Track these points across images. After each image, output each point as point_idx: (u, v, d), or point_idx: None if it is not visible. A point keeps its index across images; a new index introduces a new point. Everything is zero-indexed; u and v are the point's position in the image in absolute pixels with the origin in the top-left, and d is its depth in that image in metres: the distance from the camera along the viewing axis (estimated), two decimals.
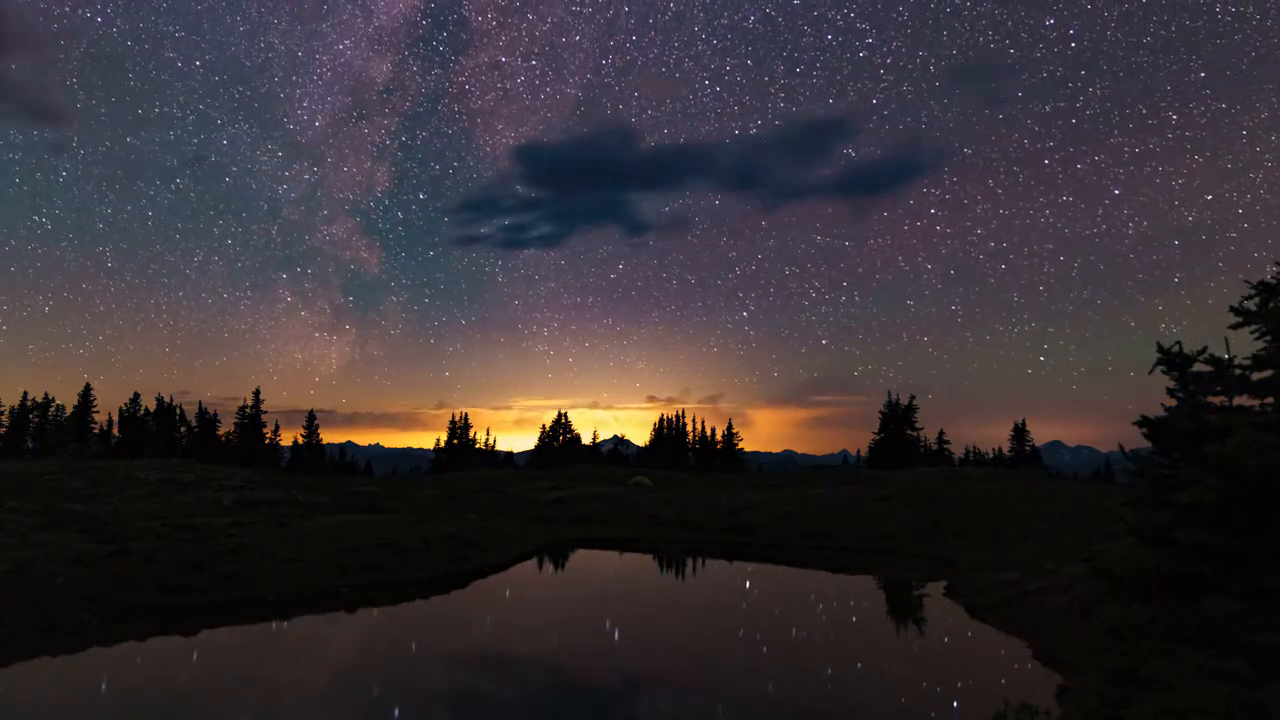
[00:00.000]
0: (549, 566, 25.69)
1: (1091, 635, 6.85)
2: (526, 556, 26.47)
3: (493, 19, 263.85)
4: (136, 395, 67.35)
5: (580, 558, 28.17)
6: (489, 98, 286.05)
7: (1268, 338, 6.27)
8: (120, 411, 66.83)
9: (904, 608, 20.31)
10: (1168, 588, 6.10)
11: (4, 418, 63.65)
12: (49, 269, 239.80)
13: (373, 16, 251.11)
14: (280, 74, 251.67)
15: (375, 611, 18.04)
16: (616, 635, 16.58)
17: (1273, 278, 6.41)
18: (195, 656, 13.89)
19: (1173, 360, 6.65)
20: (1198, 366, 6.57)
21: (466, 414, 80.00)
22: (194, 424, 66.60)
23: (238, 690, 11.85)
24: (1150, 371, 6.77)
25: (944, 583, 21.90)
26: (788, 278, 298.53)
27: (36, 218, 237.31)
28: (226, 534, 21.93)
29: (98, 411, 65.32)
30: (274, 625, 16.47)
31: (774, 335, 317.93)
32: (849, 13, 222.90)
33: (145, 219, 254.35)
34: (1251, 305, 6.43)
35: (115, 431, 66.51)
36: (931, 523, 30.81)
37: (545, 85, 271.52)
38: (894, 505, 33.78)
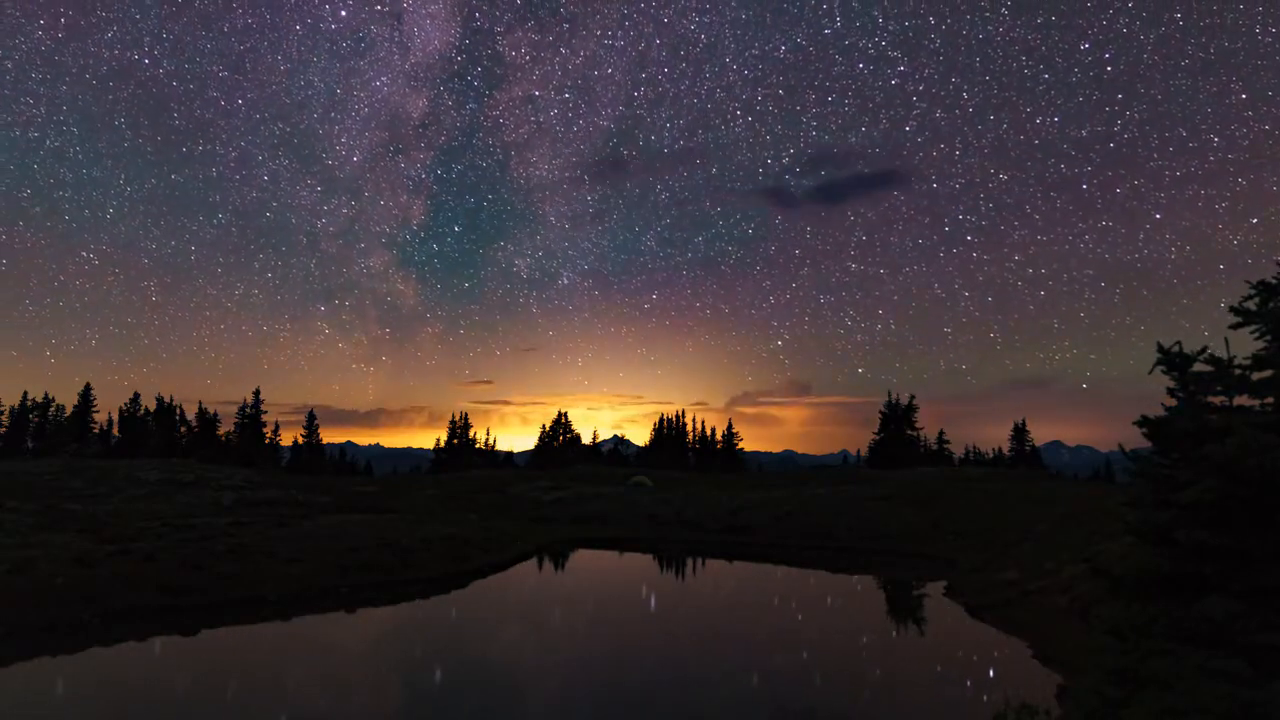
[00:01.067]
0: (549, 566, 25.69)
1: (1091, 635, 6.85)
2: (526, 556, 26.47)
3: (526, 54, 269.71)
4: (136, 395, 67.40)
5: (580, 558, 28.17)
6: (522, 131, 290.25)
7: (1268, 338, 6.27)
8: (120, 411, 66.85)
9: (904, 608, 20.30)
10: (1168, 588, 6.10)
11: (4, 418, 63.66)
12: (96, 303, 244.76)
13: (409, 53, 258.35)
14: (319, 111, 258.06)
15: (375, 612, 18.04)
16: (617, 635, 16.58)
17: (1273, 278, 6.41)
18: (195, 656, 13.89)
19: (1173, 360, 6.64)
20: (1198, 366, 6.57)
21: (466, 413, 79.85)
22: (194, 424, 66.58)
23: (238, 690, 11.85)
24: (1150, 371, 6.77)
25: (944, 583, 21.90)
26: (822, 306, 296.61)
27: (85, 253, 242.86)
28: (226, 534, 21.93)
29: (98, 411, 65.39)
30: (274, 625, 16.47)
31: (809, 364, 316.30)
32: (880, 41, 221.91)
33: (189, 254, 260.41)
34: (1251, 305, 6.43)
35: (115, 431, 66.50)
36: (931, 523, 30.81)
37: (578, 118, 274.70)
38: (894, 505, 33.78)
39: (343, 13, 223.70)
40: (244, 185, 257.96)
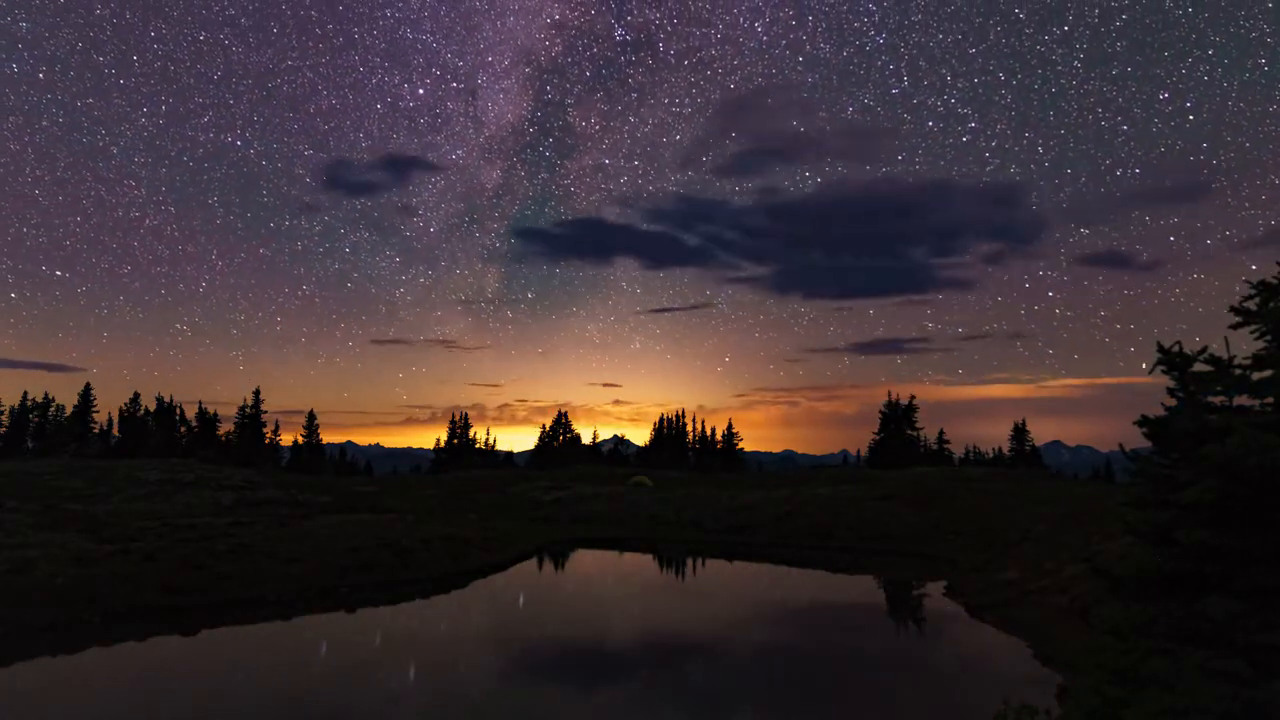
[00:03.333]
0: (549, 566, 25.69)
1: (1091, 635, 6.85)
2: (526, 556, 26.47)
3: (596, 124, 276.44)
4: (136, 395, 67.34)
5: (580, 558, 28.17)
6: (594, 198, 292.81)
7: (1268, 338, 6.27)
8: (120, 411, 66.78)
9: (904, 608, 20.31)
10: (1168, 588, 6.10)
11: (4, 418, 63.62)
12: (189, 374, 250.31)
13: (484, 127, 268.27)
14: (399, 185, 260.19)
15: (375, 611, 18.04)
16: (616, 636, 16.58)
17: (1273, 278, 6.41)
18: (195, 656, 13.89)
19: (1173, 360, 6.64)
20: (1198, 366, 6.56)
21: (466, 414, 79.84)
22: (194, 424, 66.55)
23: (238, 690, 11.85)
24: (1150, 371, 6.76)
25: (944, 583, 21.90)
26: (900, 367, 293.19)
27: (179, 325, 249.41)
28: (226, 534, 21.93)
29: (98, 411, 65.32)
30: (274, 625, 16.47)
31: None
32: (950, 99, 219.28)
33: (274, 324, 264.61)
34: (1251, 305, 6.43)
35: (115, 431, 66.45)
36: (931, 523, 30.81)
37: (648, 184, 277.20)
38: (894, 505, 33.76)
39: (420, 91, 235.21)
40: (327, 258, 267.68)
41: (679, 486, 43.89)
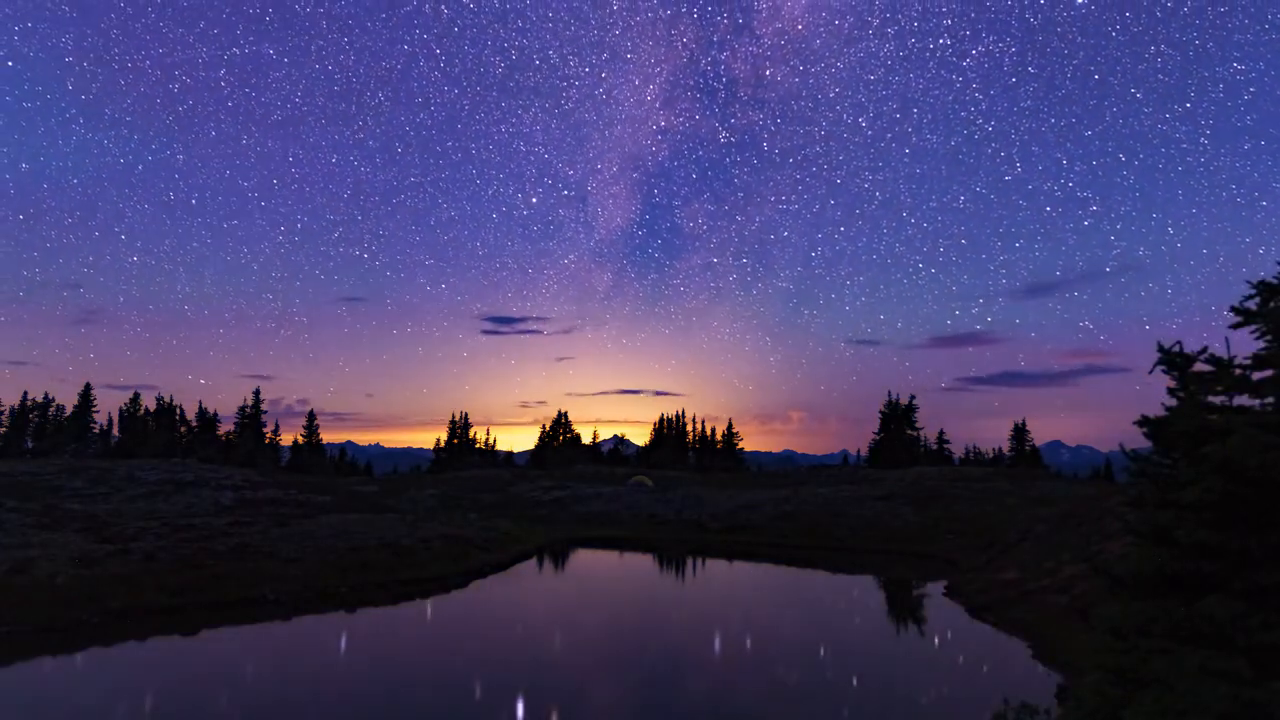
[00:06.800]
0: (549, 567, 25.68)
1: (1092, 635, 6.84)
2: (526, 556, 26.47)
3: (703, 224, 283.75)
4: (137, 395, 67.35)
5: (580, 557, 28.17)
6: (702, 297, 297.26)
7: (1268, 337, 6.26)
8: (120, 411, 66.78)
9: (905, 608, 20.30)
10: (1168, 587, 6.09)
11: (4, 418, 63.60)
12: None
13: (594, 231, 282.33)
14: (513, 290, 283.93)
15: (375, 612, 18.03)
16: (616, 639, 16.58)
17: (1273, 278, 6.40)
18: (195, 657, 13.88)
19: (1173, 360, 6.63)
20: (1198, 366, 6.56)
21: (466, 414, 79.71)
22: (194, 424, 66.54)
23: (238, 692, 11.85)
24: (1150, 371, 6.76)
25: (944, 583, 21.90)
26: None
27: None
28: (226, 534, 21.94)
29: (98, 411, 65.28)
30: (275, 626, 16.46)
31: None
32: (1068, 182, 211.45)
33: (397, 426, 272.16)
34: (1251, 305, 6.42)
35: (115, 431, 66.43)
36: (931, 523, 30.82)
37: (756, 281, 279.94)
38: (894, 505, 33.78)
39: (534, 199, 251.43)
40: (445, 360, 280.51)
41: (679, 486, 43.91)
